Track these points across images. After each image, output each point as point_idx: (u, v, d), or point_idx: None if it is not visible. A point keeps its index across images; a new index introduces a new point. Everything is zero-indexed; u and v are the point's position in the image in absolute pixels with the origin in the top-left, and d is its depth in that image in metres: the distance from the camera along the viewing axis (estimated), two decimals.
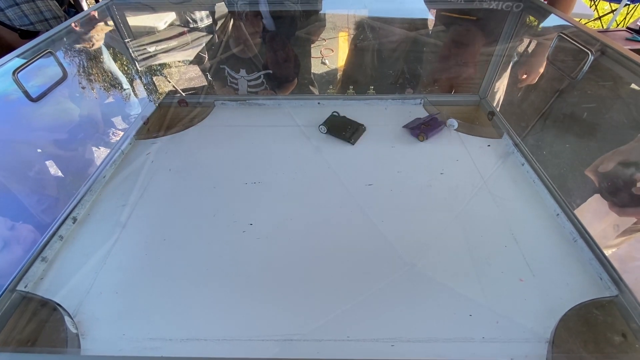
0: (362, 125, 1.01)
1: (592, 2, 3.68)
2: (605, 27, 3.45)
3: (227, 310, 0.61)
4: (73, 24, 0.90)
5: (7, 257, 0.71)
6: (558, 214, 0.76)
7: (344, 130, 0.98)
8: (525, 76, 1.10)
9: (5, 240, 0.73)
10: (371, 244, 0.72)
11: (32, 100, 0.76)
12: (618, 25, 3.57)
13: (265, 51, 1.32)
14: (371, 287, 0.64)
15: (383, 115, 1.10)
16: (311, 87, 1.51)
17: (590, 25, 3.56)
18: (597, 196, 0.78)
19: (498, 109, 1.07)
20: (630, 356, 0.55)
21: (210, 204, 0.81)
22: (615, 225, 0.73)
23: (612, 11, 3.43)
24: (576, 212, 0.74)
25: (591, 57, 0.70)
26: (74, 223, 0.77)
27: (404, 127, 1.01)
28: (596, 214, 0.76)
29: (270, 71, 1.32)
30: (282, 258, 0.69)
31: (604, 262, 0.64)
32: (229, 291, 0.64)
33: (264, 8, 1.21)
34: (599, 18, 3.57)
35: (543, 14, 0.90)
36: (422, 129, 0.97)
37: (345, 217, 0.77)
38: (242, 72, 1.32)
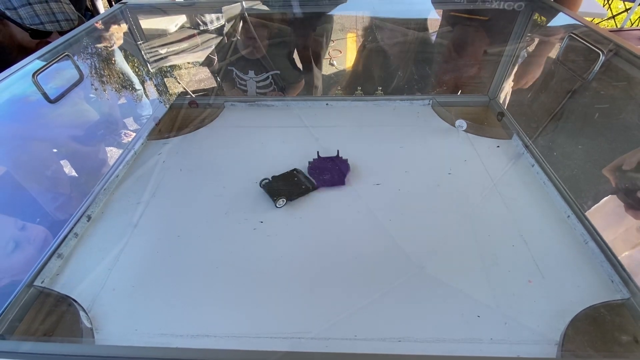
0: (294, 169, 0.88)
1: (606, 1, 3.61)
2: (619, 27, 3.38)
3: (237, 308, 0.62)
4: (88, 28, 0.93)
5: (20, 257, 0.72)
6: (569, 216, 0.75)
7: (300, 185, 0.83)
8: (525, 80, 1.10)
9: (16, 240, 0.74)
10: (379, 244, 0.72)
11: (50, 101, 0.78)
12: (632, 24, 3.49)
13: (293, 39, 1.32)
14: (379, 288, 0.64)
15: (391, 116, 1.10)
16: (318, 88, 1.52)
17: (604, 24, 3.49)
18: (610, 198, 0.77)
19: (508, 110, 1.06)
20: None
21: (221, 203, 0.82)
22: (639, 227, 0.72)
23: (626, 10, 3.36)
24: (587, 214, 0.73)
25: (602, 58, 0.69)
26: (88, 221, 0.79)
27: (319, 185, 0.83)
28: (610, 216, 0.75)
29: (278, 71, 1.34)
30: (291, 256, 0.70)
31: (616, 265, 0.64)
32: (239, 288, 0.65)
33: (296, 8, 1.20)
34: (613, 17, 3.50)
35: (553, 14, 0.90)
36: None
37: (353, 216, 0.78)
38: (251, 73, 1.34)
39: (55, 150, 1.11)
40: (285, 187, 0.83)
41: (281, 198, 0.80)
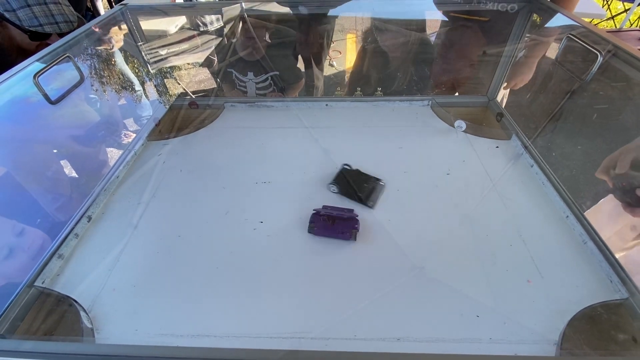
0: (380, 180, 0.84)
1: (605, 2, 3.62)
2: (618, 27, 3.39)
3: (237, 308, 0.62)
4: (89, 29, 0.93)
5: (12, 265, 0.72)
6: (568, 216, 0.75)
7: (359, 189, 0.81)
8: (514, 82, 1.11)
9: (11, 247, 0.74)
10: (379, 244, 0.72)
11: (51, 102, 0.79)
12: (631, 24, 3.50)
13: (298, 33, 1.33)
14: (378, 288, 0.64)
15: (390, 116, 1.10)
16: (319, 88, 1.53)
17: (603, 25, 3.50)
18: (609, 197, 0.77)
19: (507, 110, 1.06)
20: None
21: (221, 203, 0.82)
22: (632, 226, 0.72)
23: (625, 10, 3.37)
24: (586, 214, 0.73)
25: (600, 59, 0.70)
26: (88, 221, 0.79)
27: (310, 232, 0.74)
28: (609, 216, 0.76)
29: (277, 72, 1.34)
30: (291, 256, 0.71)
31: (615, 265, 0.64)
32: (239, 288, 0.65)
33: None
34: (612, 18, 3.51)
35: (551, 15, 0.90)
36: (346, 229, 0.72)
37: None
38: (250, 74, 1.34)
39: (55, 151, 1.11)
40: (351, 183, 0.83)
41: (336, 186, 0.82)
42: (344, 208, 0.76)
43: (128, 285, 0.66)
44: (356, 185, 0.82)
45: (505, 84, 1.12)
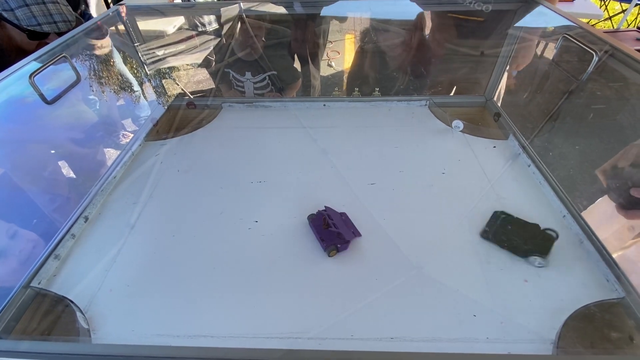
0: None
1: (602, 2, 3.64)
2: (615, 28, 3.40)
3: (234, 308, 0.62)
4: (86, 29, 0.93)
5: (2, 268, 0.71)
6: (564, 216, 0.75)
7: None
8: (517, 64, 1.11)
9: (2, 250, 0.73)
10: (375, 243, 0.72)
11: (47, 102, 0.78)
12: (629, 25, 3.52)
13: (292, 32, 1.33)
14: (376, 288, 0.64)
15: (387, 116, 1.10)
16: (316, 87, 1.53)
17: (600, 25, 3.51)
18: (606, 197, 0.78)
19: (504, 110, 1.06)
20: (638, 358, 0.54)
21: (217, 203, 0.82)
22: (630, 226, 0.72)
23: (623, 11, 3.38)
24: (583, 214, 0.73)
25: (596, 59, 0.70)
26: (85, 222, 0.79)
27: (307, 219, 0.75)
28: (606, 216, 0.76)
29: (275, 72, 1.34)
30: (286, 256, 0.70)
31: (611, 264, 0.64)
32: (235, 288, 0.65)
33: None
34: (610, 18, 3.52)
35: (548, 15, 0.90)
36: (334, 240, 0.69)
37: (349, 215, 0.78)
38: (248, 74, 1.34)
39: (52, 151, 1.11)
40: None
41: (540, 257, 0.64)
42: (351, 225, 0.72)
43: (125, 285, 0.66)
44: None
45: (507, 67, 1.11)
